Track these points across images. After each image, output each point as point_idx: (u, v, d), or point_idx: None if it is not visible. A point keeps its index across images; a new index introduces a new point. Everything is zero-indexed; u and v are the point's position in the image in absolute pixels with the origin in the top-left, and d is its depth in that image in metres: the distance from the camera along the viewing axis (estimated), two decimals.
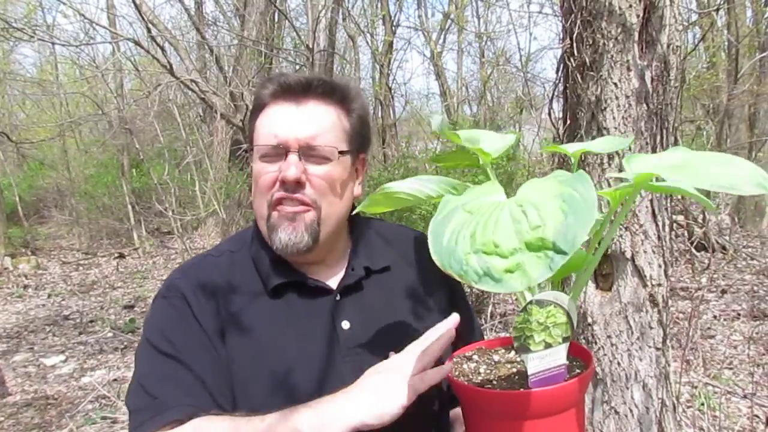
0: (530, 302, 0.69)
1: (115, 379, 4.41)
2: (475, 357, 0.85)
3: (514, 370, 0.78)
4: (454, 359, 0.84)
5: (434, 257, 0.60)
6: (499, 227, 0.59)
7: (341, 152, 0.94)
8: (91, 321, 6.19)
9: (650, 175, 0.66)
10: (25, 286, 8.01)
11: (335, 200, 0.95)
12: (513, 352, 0.83)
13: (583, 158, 1.75)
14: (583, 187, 0.59)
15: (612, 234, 0.76)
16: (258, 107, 0.97)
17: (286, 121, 0.92)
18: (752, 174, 0.64)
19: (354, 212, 0.97)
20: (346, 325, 0.94)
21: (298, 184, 0.90)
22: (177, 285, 0.94)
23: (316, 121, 0.93)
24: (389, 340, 0.94)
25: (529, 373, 0.69)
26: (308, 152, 0.92)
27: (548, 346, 0.69)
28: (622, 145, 0.86)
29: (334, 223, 0.97)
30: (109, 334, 5.60)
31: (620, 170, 0.70)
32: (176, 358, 0.87)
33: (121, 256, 9.55)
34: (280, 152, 0.91)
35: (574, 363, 0.78)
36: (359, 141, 0.99)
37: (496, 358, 0.84)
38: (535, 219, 0.58)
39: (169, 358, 0.88)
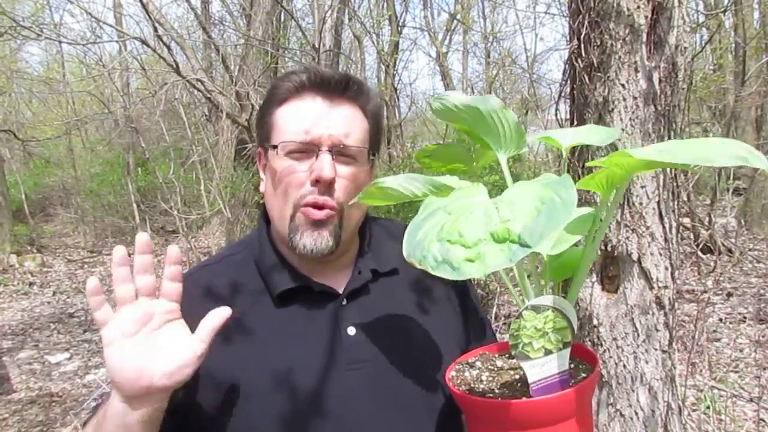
0: (526, 307, 0.67)
1: None
2: (478, 363, 0.82)
3: (517, 376, 0.76)
4: (457, 366, 0.82)
5: (404, 250, 0.60)
6: (469, 220, 0.59)
7: (369, 154, 0.93)
8: None
9: (638, 162, 0.64)
10: (31, 284, 8.05)
11: (358, 203, 0.93)
12: None
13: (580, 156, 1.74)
14: (565, 190, 0.58)
15: (604, 226, 0.74)
16: (279, 98, 0.92)
17: (318, 117, 0.89)
18: (734, 148, 0.61)
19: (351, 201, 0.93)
20: (351, 331, 0.91)
21: (330, 185, 0.88)
22: None
23: (348, 120, 0.90)
24: (395, 346, 0.92)
25: (529, 381, 0.68)
26: (340, 151, 0.89)
27: (548, 352, 0.67)
28: (612, 137, 0.84)
29: (354, 225, 0.94)
30: None
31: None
32: None
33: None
34: (311, 149, 0.88)
35: (581, 366, 0.76)
36: (375, 142, 0.97)
37: (499, 363, 0.81)
38: (506, 214, 0.57)
39: None
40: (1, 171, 9.53)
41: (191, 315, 0.89)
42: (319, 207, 0.88)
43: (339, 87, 0.91)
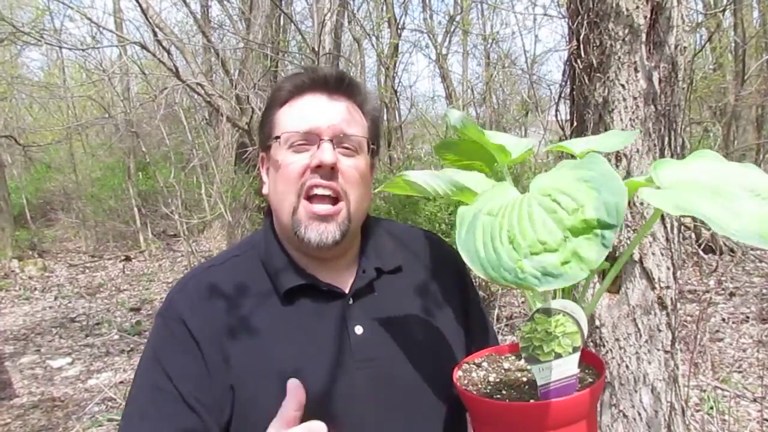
0: (537, 311, 0.67)
1: (121, 382, 4.42)
2: (485, 364, 0.83)
3: (524, 379, 0.76)
4: (464, 366, 0.82)
5: (479, 272, 0.56)
6: (537, 223, 0.56)
7: (368, 145, 0.94)
8: (98, 323, 6.21)
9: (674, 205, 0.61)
10: (32, 289, 8.05)
11: (363, 193, 0.93)
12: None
13: None
14: (599, 165, 0.57)
15: (636, 243, 0.74)
16: (280, 100, 0.95)
17: (318, 110, 0.91)
18: None
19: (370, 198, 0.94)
20: (359, 330, 0.91)
21: (332, 170, 0.88)
22: (175, 304, 0.91)
23: (348, 112, 0.93)
24: (402, 345, 0.92)
25: (538, 384, 0.68)
26: (341, 141, 0.90)
27: (558, 356, 0.67)
28: (628, 141, 0.85)
29: (360, 218, 0.95)
30: (116, 337, 5.62)
31: (649, 179, 0.67)
32: (168, 392, 0.85)
33: (128, 258, 9.58)
34: (312, 139, 0.89)
35: (586, 371, 0.76)
36: (375, 141, 0.99)
37: (506, 365, 0.82)
38: (569, 203, 0.55)
39: (161, 392, 0.85)
40: (3, 176, 9.54)
41: (197, 316, 0.89)
42: (324, 199, 0.89)
43: (337, 83, 0.93)
